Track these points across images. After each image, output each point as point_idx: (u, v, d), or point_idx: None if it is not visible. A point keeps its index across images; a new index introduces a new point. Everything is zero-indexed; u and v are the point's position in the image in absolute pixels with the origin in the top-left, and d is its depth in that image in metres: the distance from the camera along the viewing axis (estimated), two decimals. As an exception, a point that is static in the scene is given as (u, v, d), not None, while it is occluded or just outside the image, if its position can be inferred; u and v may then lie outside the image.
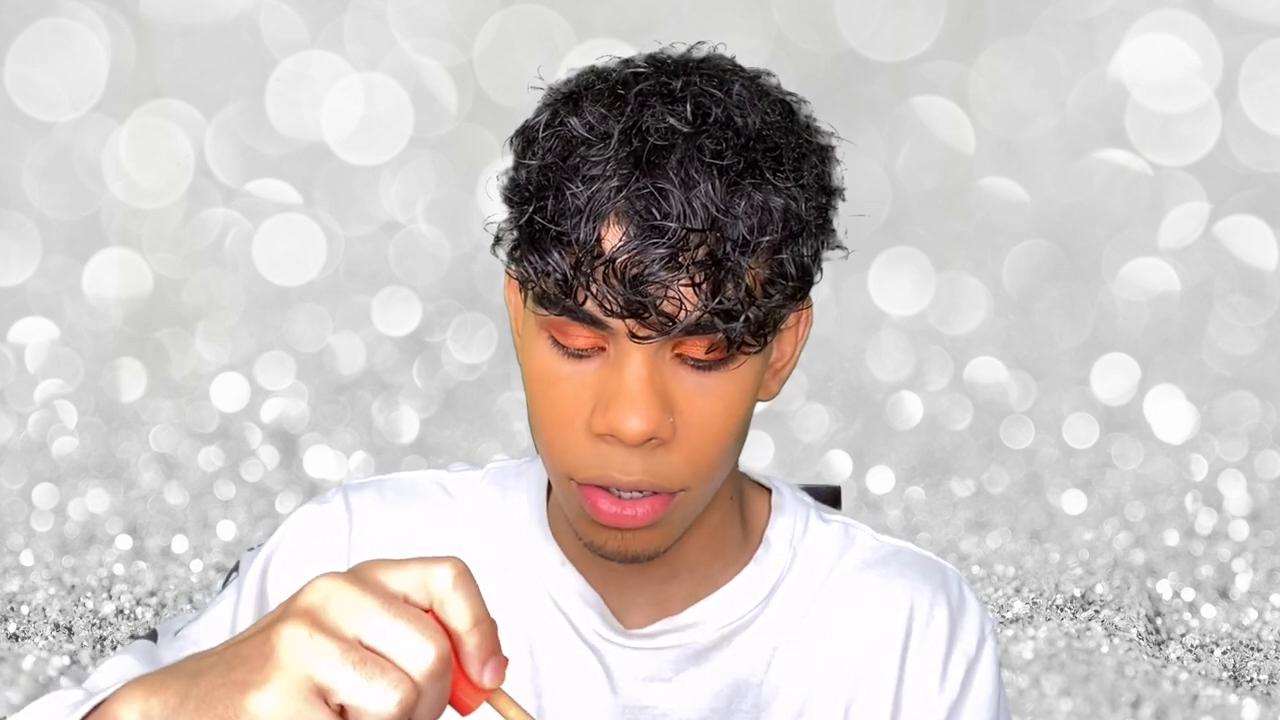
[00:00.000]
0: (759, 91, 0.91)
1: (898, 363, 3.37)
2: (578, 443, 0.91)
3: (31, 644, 2.37)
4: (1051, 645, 2.37)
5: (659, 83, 0.89)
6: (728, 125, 0.87)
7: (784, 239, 0.88)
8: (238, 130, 3.62)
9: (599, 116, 0.88)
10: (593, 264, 0.86)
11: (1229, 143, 3.62)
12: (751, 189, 0.86)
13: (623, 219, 0.86)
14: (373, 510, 1.05)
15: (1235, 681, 2.38)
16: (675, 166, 0.85)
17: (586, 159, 0.86)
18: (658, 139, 0.86)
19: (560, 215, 0.86)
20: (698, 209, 0.85)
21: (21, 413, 3.16)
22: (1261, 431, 3.16)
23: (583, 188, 0.86)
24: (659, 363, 0.89)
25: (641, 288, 0.85)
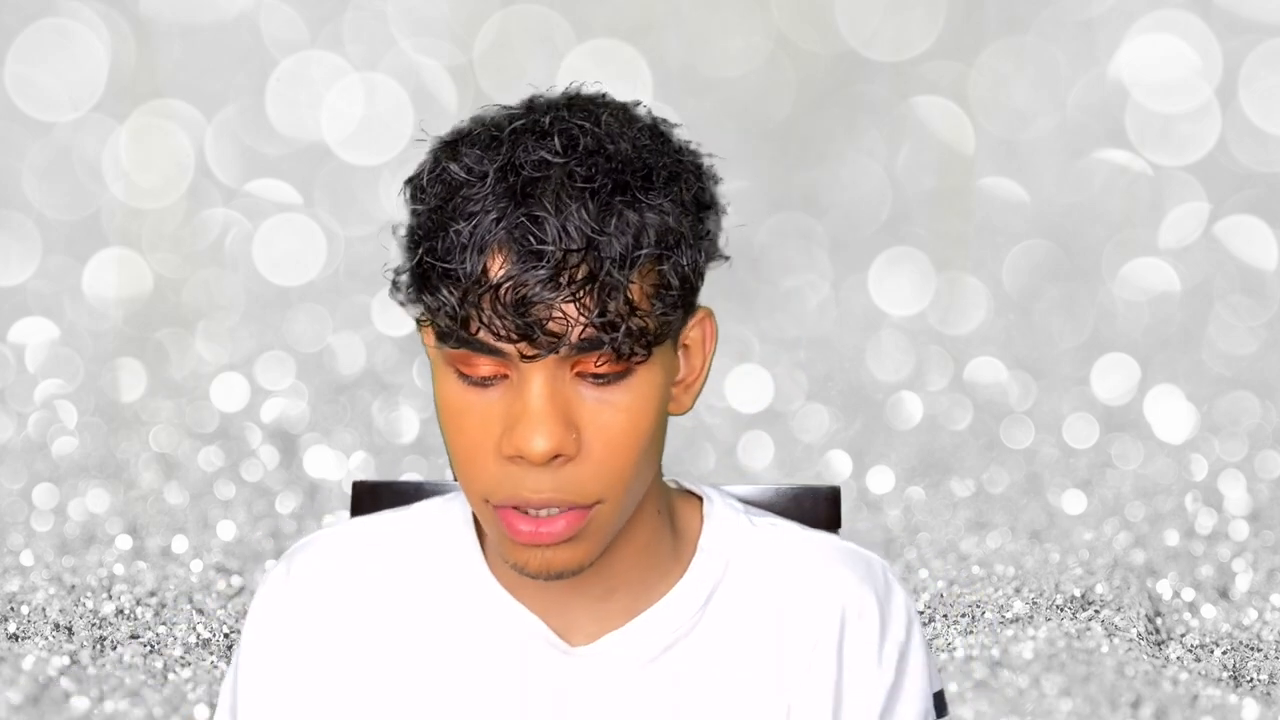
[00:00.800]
0: (628, 119, 0.97)
1: (898, 363, 3.37)
2: (489, 467, 0.96)
3: (31, 644, 2.37)
4: (1051, 645, 2.37)
5: (531, 121, 0.95)
6: (597, 152, 0.93)
7: (661, 253, 0.93)
8: (238, 130, 3.62)
9: (476, 158, 0.94)
10: (479, 294, 0.91)
11: (1229, 143, 3.62)
12: (624, 208, 0.92)
13: (504, 249, 0.91)
14: (315, 576, 1.08)
15: (1235, 681, 2.38)
16: (549, 195, 0.91)
17: (468, 198, 0.93)
18: (531, 171, 0.92)
19: (447, 253, 0.92)
20: (573, 231, 0.90)
21: (21, 413, 3.16)
22: (1261, 431, 3.16)
23: (465, 224, 0.92)
24: (559, 383, 0.94)
25: (526, 310, 0.90)
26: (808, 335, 3.44)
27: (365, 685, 1.05)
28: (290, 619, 1.07)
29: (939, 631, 2.44)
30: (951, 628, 2.45)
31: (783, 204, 3.54)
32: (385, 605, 1.06)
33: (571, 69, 3.58)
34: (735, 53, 3.67)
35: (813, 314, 3.49)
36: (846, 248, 3.57)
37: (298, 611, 1.07)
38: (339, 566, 1.08)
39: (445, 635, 1.04)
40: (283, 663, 1.06)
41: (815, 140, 3.66)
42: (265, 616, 1.08)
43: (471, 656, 1.04)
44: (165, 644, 2.40)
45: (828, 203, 3.62)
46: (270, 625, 1.07)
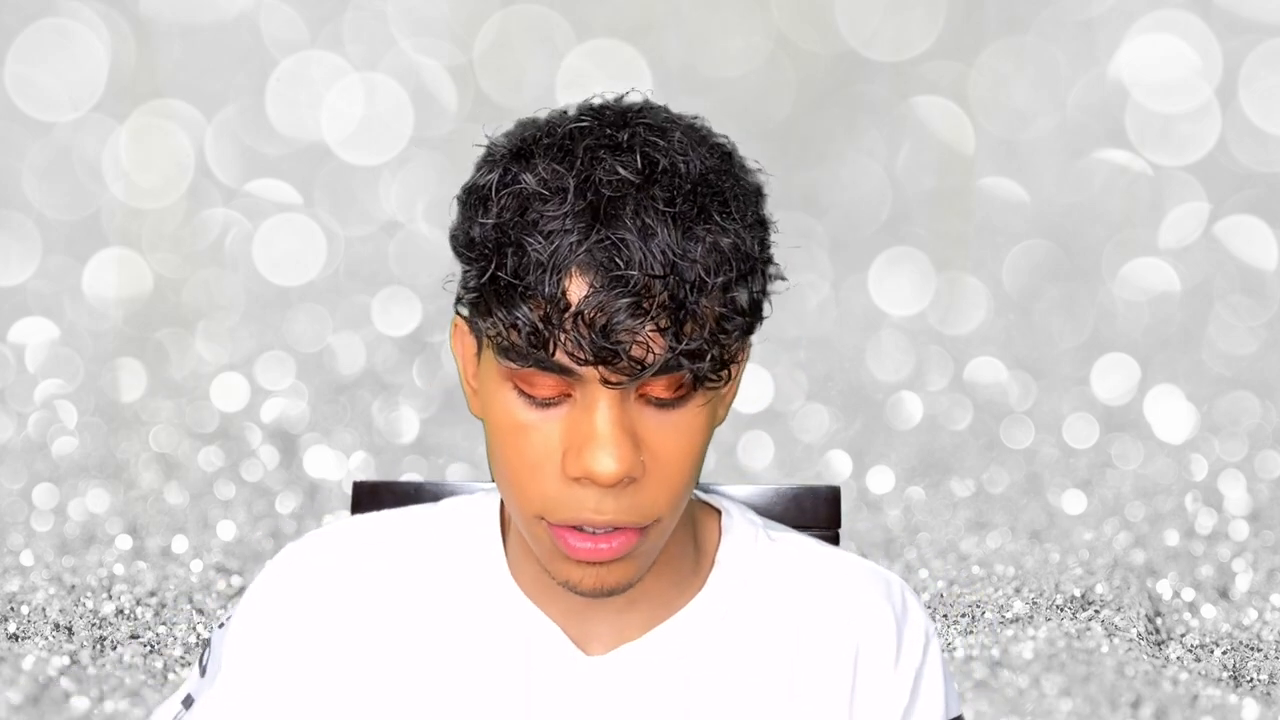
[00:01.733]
0: (697, 138, 0.96)
1: (898, 363, 3.37)
2: (550, 486, 0.95)
3: (31, 644, 2.37)
4: (1051, 645, 2.37)
5: (604, 135, 0.93)
6: (674, 173, 0.92)
7: (736, 277, 0.92)
8: (238, 130, 3.62)
9: (551, 172, 0.91)
10: (560, 316, 0.89)
11: (1229, 143, 3.62)
12: (704, 232, 0.91)
13: (586, 270, 0.90)
14: (321, 569, 1.07)
15: (1235, 681, 2.38)
16: (631, 216, 0.89)
17: (544, 214, 0.90)
18: (611, 191, 0.90)
19: (523, 270, 0.90)
20: (657, 256, 0.89)
21: (21, 413, 3.16)
22: (1261, 431, 3.16)
23: (544, 242, 0.89)
24: (625, 404, 0.93)
25: (611, 335, 0.89)
26: (808, 335, 3.44)
27: (374, 680, 1.04)
28: (292, 610, 1.06)
29: (939, 631, 2.44)
30: (951, 628, 2.45)
31: (783, 204, 3.54)
32: (400, 602, 1.06)
33: (571, 69, 3.59)
34: (735, 53, 3.68)
35: (813, 314, 3.49)
36: (846, 248, 3.57)
37: (303, 603, 1.06)
38: (350, 560, 1.07)
39: (461, 635, 1.04)
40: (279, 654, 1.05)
41: (815, 140, 3.66)
42: (265, 603, 1.07)
43: (487, 659, 1.03)
44: (165, 644, 2.40)
45: (828, 203, 3.62)
46: (268, 615, 1.07)
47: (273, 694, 1.05)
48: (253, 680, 1.06)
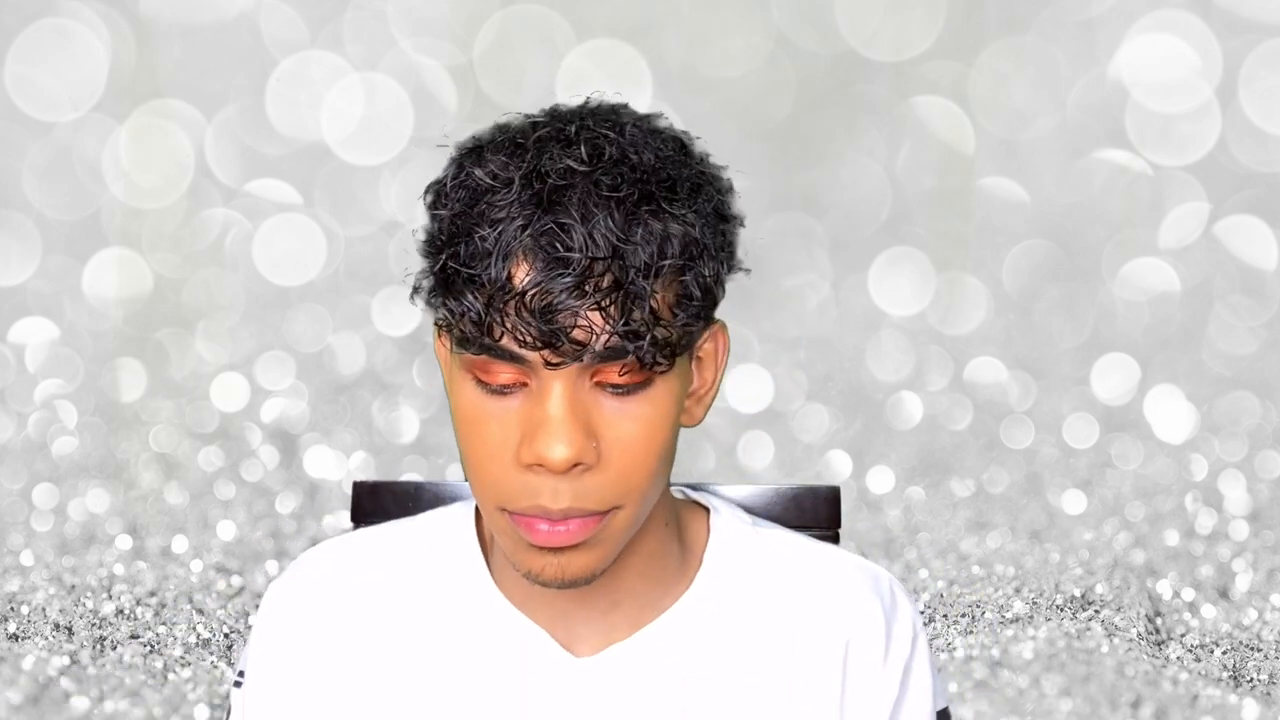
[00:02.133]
0: (651, 130, 0.98)
1: (898, 363, 3.37)
2: (507, 475, 0.96)
3: (31, 644, 2.37)
4: (1051, 645, 2.37)
5: (555, 129, 0.95)
6: (622, 162, 0.93)
7: (684, 263, 0.94)
8: (238, 130, 3.62)
9: (501, 165, 0.94)
10: (504, 300, 0.91)
11: (1229, 143, 3.62)
12: (649, 217, 0.92)
13: (529, 255, 0.92)
14: (320, 585, 1.09)
15: (1235, 681, 2.38)
16: (575, 203, 0.91)
17: (492, 204, 0.93)
18: (557, 179, 0.92)
19: (471, 258, 0.93)
20: (599, 239, 0.91)
21: (21, 413, 3.16)
22: (1261, 431, 3.16)
23: (490, 230, 0.92)
24: (579, 391, 0.94)
25: (552, 317, 0.91)
26: (808, 335, 3.44)
27: (369, 695, 1.05)
28: (296, 626, 1.08)
29: (939, 631, 2.44)
30: (951, 628, 2.45)
31: (783, 204, 3.54)
32: (389, 615, 1.06)
33: (571, 69, 3.58)
34: (735, 53, 3.67)
35: (813, 314, 3.49)
36: (846, 248, 3.57)
37: (303, 619, 1.07)
38: (343, 576, 1.08)
39: (449, 646, 1.05)
40: (290, 669, 1.06)
41: (815, 140, 3.66)
42: (272, 623, 1.09)
43: (476, 667, 1.04)
44: (165, 644, 2.40)
45: (828, 203, 3.62)
46: (277, 632, 1.08)
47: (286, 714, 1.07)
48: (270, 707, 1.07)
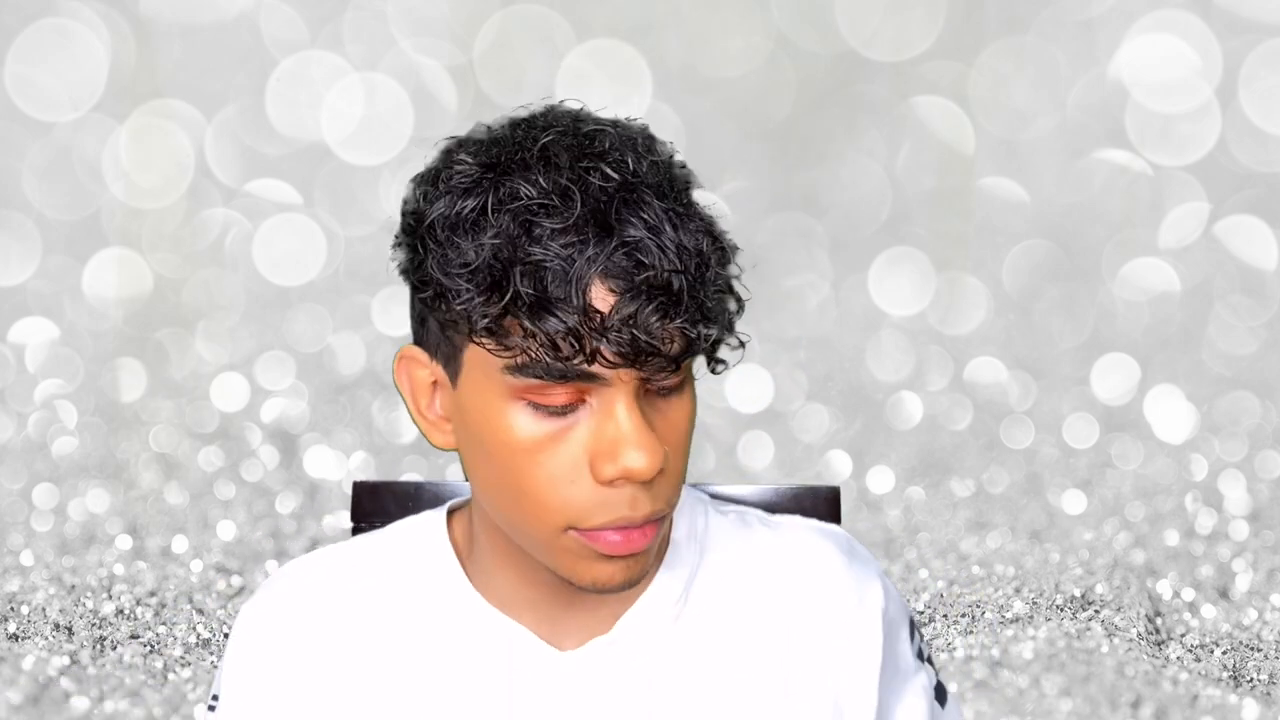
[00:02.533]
0: (627, 137, 0.96)
1: (898, 363, 3.37)
2: (582, 494, 0.95)
3: (31, 644, 2.37)
4: (1051, 645, 2.37)
5: (578, 144, 0.94)
6: (654, 169, 0.94)
7: (714, 254, 0.95)
8: (238, 130, 3.62)
9: (550, 182, 0.92)
10: (597, 325, 0.90)
11: (1229, 143, 3.62)
12: (684, 220, 0.93)
13: (607, 277, 0.91)
14: (298, 600, 1.08)
15: (1235, 681, 2.38)
16: (631, 216, 0.91)
17: (546, 226, 0.91)
18: (603, 195, 0.91)
19: (542, 282, 0.90)
20: (669, 251, 0.91)
21: (21, 413, 3.16)
22: (1261, 431, 3.16)
23: (558, 251, 0.90)
24: (639, 400, 0.95)
25: (648, 338, 0.91)
26: (808, 335, 3.44)
27: (355, 708, 1.05)
28: (272, 646, 1.07)
29: (939, 631, 2.44)
30: (951, 628, 2.45)
31: (783, 204, 3.55)
32: (368, 627, 1.06)
33: (571, 69, 3.59)
34: (735, 53, 3.68)
35: (813, 314, 3.50)
36: (846, 248, 3.57)
37: (279, 638, 1.07)
38: (317, 593, 1.08)
39: (433, 651, 1.05)
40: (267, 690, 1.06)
41: (815, 140, 3.67)
42: (247, 644, 1.08)
43: (461, 669, 1.04)
44: (165, 644, 2.40)
45: (828, 203, 3.62)
46: (252, 653, 1.07)
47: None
48: None
